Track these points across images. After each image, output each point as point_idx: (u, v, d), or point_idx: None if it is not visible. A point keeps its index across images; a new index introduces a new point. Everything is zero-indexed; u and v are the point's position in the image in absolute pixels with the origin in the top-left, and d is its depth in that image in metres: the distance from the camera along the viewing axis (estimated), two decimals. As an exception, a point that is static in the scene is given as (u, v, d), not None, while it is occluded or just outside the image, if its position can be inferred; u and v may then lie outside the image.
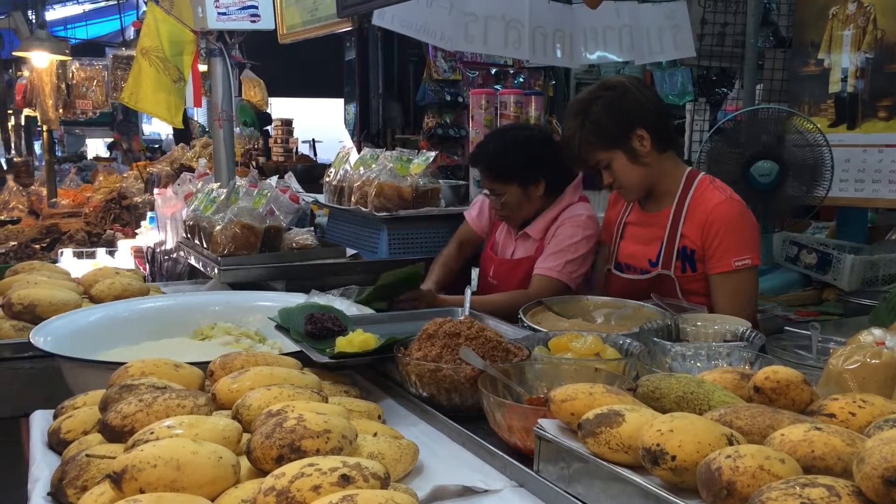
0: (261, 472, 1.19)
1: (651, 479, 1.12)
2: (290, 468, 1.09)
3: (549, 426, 1.30)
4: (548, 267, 2.67)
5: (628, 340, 1.75)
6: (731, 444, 1.09)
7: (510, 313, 2.26)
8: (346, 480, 1.06)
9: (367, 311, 2.28)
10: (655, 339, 1.79)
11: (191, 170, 4.75)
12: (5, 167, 10.22)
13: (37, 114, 7.55)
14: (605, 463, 1.18)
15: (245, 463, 1.23)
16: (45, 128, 7.49)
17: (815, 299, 3.45)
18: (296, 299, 2.29)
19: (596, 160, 2.41)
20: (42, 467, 1.38)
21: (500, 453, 1.41)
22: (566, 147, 2.45)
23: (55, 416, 1.56)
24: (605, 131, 2.37)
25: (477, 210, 3.02)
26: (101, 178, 7.37)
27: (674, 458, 1.08)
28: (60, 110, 7.42)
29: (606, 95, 2.40)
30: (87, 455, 1.27)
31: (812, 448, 1.06)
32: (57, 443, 1.46)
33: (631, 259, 2.52)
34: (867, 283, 3.29)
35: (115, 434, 1.33)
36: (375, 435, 1.39)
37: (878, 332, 1.53)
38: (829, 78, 3.63)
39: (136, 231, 4.68)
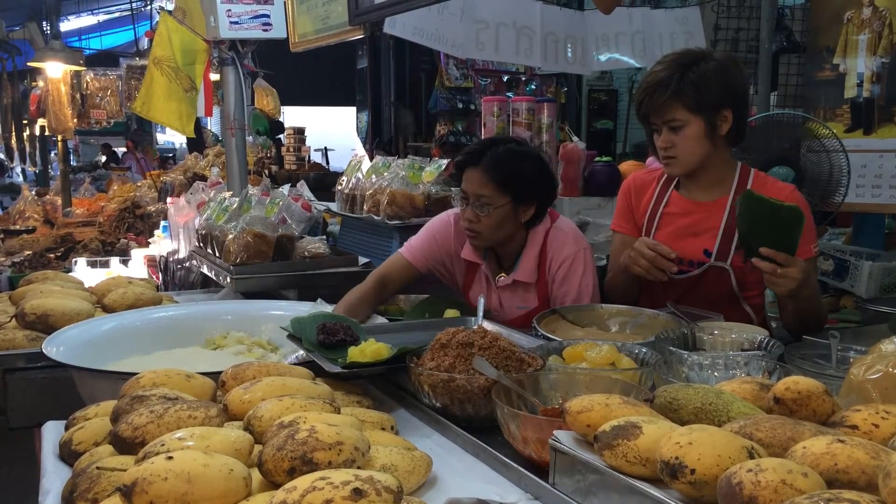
0: (272, 484, 1.18)
1: (670, 492, 1.10)
2: (302, 482, 1.07)
3: (564, 438, 1.28)
4: None
5: (644, 350, 1.73)
6: (751, 457, 1.07)
7: None
8: (358, 494, 1.04)
9: (380, 320, 2.27)
10: (672, 348, 1.77)
11: (204, 178, 4.78)
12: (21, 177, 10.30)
13: (46, 123, 7.62)
14: (622, 476, 1.15)
15: (257, 475, 1.22)
16: (59, 138, 7.55)
17: (832, 307, 3.41)
18: (308, 308, 2.29)
19: (671, 117, 2.25)
20: (53, 479, 1.37)
21: (515, 465, 1.39)
22: (650, 90, 2.26)
23: (67, 427, 1.55)
24: (703, 92, 2.23)
25: (427, 244, 2.63)
26: (115, 188, 7.41)
27: (693, 471, 1.05)
28: (75, 120, 7.48)
29: (720, 59, 2.30)
30: (97, 467, 1.26)
31: (835, 461, 1.03)
32: (68, 454, 1.45)
33: (677, 252, 2.30)
34: (885, 289, 3.25)
35: (126, 446, 1.32)
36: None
37: (900, 340, 1.50)
38: (844, 83, 3.60)
39: (150, 240, 4.69)
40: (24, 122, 9.48)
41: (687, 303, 2.22)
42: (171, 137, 17.00)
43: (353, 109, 10.89)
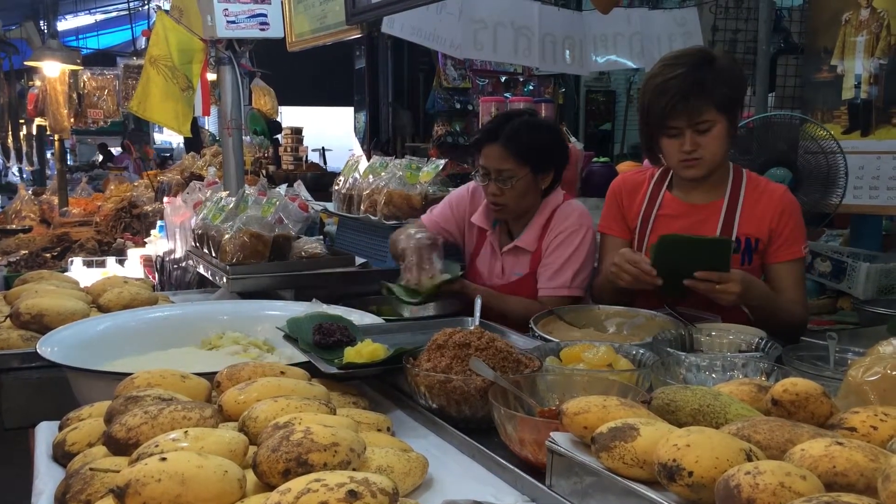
0: (267, 486, 1.17)
1: (667, 495, 1.09)
2: (296, 484, 1.07)
3: (561, 439, 1.27)
4: (557, 286, 2.53)
5: (641, 351, 1.72)
6: (749, 459, 1.06)
7: (522, 321, 2.24)
8: (353, 496, 1.03)
9: (377, 320, 2.26)
10: (669, 349, 1.76)
11: (200, 178, 4.76)
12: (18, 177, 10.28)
13: (46, 123, 7.60)
14: (619, 478, 1.15)
15: (251, 476, 1.21)
16: (56, 137, 7.54)
17: (830, 308, 3.41)
18: (304, 308, 2.27)
19: (703, 118, 2.16)
20: (46, 480, 1.36)
21: (512, 467, 1.38)
22: (682, 93, 2.14)
23: (60, 428, 1.54)
24: (729, 90, 2.19)
25: (444, 211, 2.80)
26: (112, 187, 7.40)
27: (690, 473, 1.05)
28: (72, 120, 7.46)
29: (723, 56, 2.24)
30: (90, 469, 1.25)
31: (834, 463, 1.03)
32: (62, 455, 1.44)
33: None
34: (883, 291, 3.25)
35: (120, 447, 1.31)
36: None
37: (898, 342, 1.50)
38: (842, 84, 3.60)
39: (146, 240, 4.68)
40: (21, 121, 9.46)
41: (684, 304, 2.21)
42: (169, 137, 16.97)
43: (350, 109, 10.86)
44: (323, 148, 11.05)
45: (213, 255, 2.96)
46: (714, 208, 2.33)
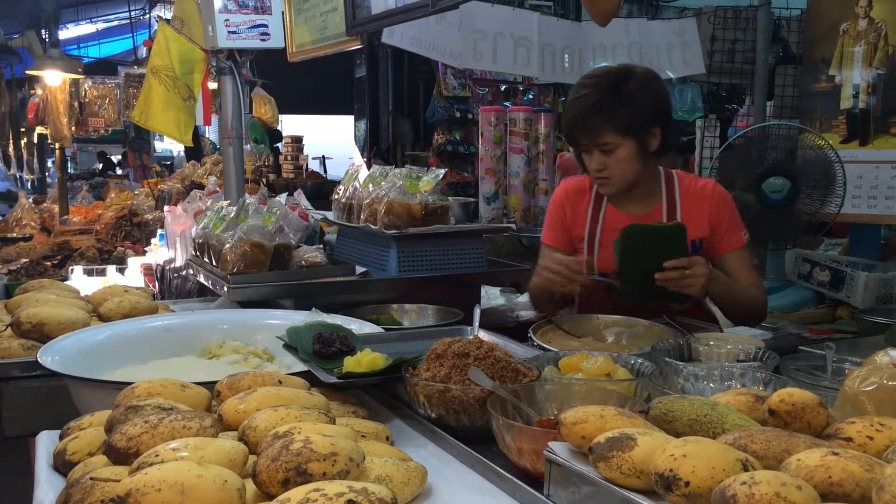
0: (266, 495, 1.18)
1: (664, 505, 1.10)
2: (296, 493, 1.07)
3: (559, 449, 1.28)
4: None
5: (640, 360, 1.73)
6: (745, 469, 1.07)
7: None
8: (352, 506, 1.04)
9: (377, 330, 2.27)
10: (667, 358, 1.77)
11: (201, 187, 4.77)
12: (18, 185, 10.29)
13: (48, 132, 7.62)
14: (617, 488, 1.15)
15: (251, 486, 1.21)
16: (57, 145, 7.55)
17: (828, 317, 3.42)
18: (303, 317, 2.28)
19: (603, 140, 2.24)
20: (46, 490, 1.36)
21: (510, 476, 1.38)
22: (581, 114, 2.23)
23: (61, 437, 1.54)
24: (633, 114, 2.23)
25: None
26: (112, 196, 7.41)
27: (687, 483, 1.05)
28: (73, 128, 7.49)
29: (642, 75, 2.28)
30: (91, 478, 1.26)
31: (829, 474, 1.03)
32: (62, 464, 1.44)
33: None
34: (881, 300, 3.26)
35: (121, 456, 1.31)
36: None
37: (894, 352, 1.50)
38: (840, 94, 3.62)
39: (146, 248, 4.69)
40: (22, 129, 9.49)
41: (683, 314, 2.22)
42: (169, 146, 17.01)
43: (351, 118, 10.90)
44: (323, 156, 11.07)
45: (214, 264, 2.97)
46: (655, 216, 2.37)
